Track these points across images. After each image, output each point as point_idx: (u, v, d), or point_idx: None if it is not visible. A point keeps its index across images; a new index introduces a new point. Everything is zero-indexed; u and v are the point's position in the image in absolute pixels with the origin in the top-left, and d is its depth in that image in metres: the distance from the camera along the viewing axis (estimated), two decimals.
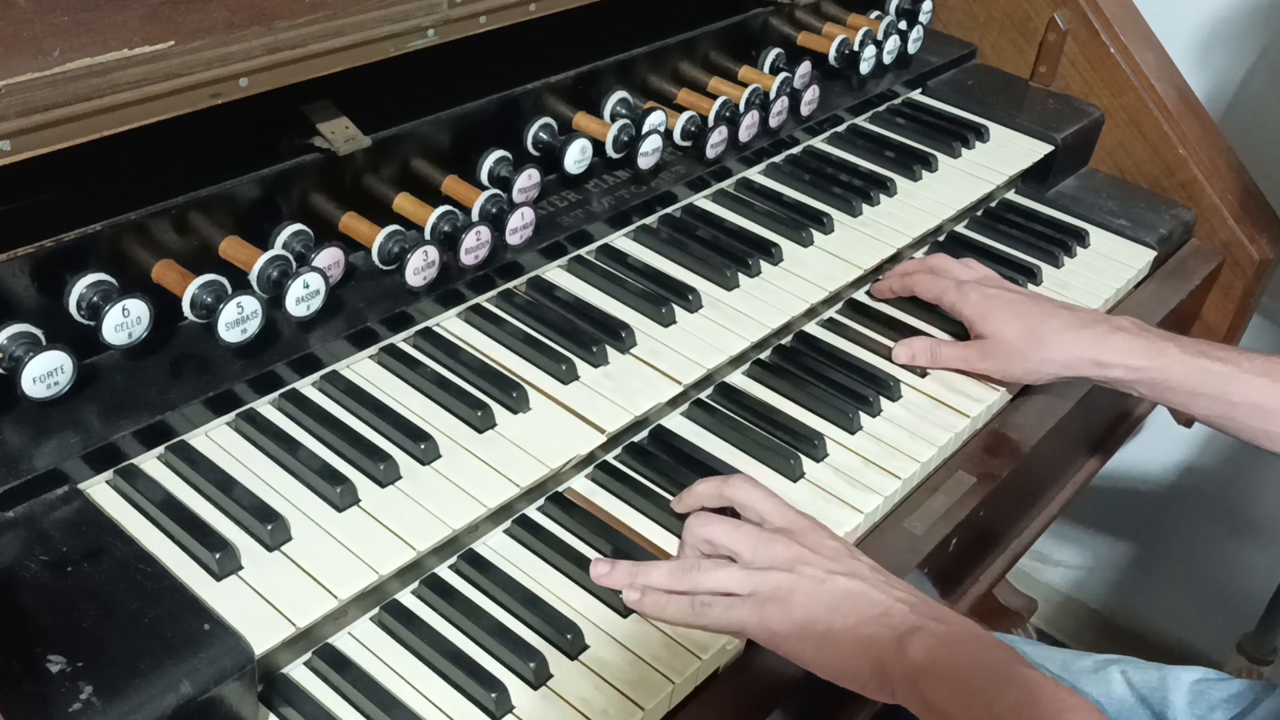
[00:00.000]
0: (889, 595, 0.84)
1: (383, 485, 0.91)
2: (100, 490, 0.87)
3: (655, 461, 1.03)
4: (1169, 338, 1.13)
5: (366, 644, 0.86)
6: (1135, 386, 1.12)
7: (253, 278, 0.96)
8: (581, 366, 1.05)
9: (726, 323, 1.14)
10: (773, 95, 1.37)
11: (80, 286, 0.88)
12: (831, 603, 0.84)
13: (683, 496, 0.97)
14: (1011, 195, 1.52)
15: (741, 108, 1.32)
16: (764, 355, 1.17)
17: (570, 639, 0.86)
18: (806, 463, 1.04)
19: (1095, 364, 1.12)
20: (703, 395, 1.11)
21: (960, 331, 1.22)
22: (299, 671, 0.83)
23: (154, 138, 0.87)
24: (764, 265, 1.23)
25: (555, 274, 1.18)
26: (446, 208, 1.07)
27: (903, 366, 1.17)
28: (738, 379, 1.14)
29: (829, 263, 1.25)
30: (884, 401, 1.13)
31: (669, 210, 1.29)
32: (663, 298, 1.14)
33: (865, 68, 1.50)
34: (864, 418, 1.10)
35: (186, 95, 0.86)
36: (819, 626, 0.83)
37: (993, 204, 1.49)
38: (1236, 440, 1.17)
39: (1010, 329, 1.14)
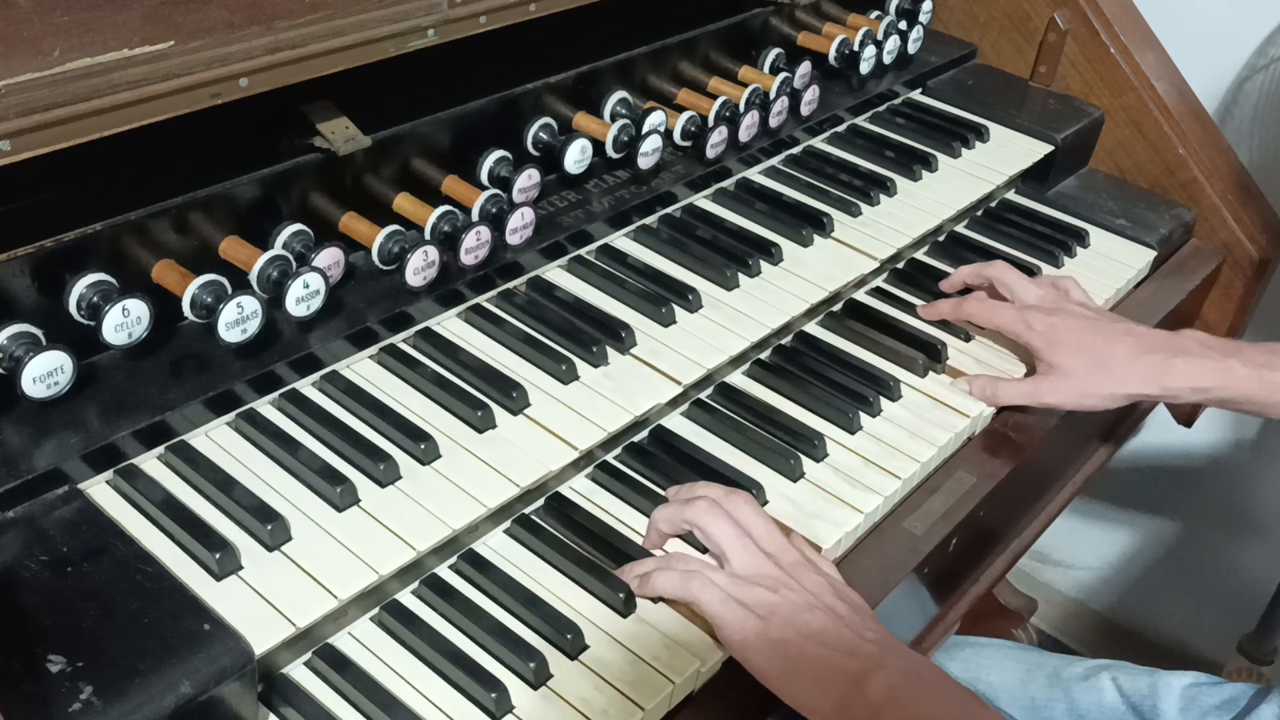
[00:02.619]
0: (860, 636, 0.85)
1: (383, 485, 0.91)
2: (100, 490, 0.87)
3: (655, 461, 1.03)
4: (1232, 351, 1.13)
5: (366, 644, 0.86)
6: (1203, 404, 1.13)
7: (253, 278, 0.96)
8: (581, 366, 1.05)
9: (726, 323, 1.14)
10: (773, 95, 1.37)
11: (80, 286, 0.88)
12: (805, 632, 0.85)
13: (681, 490, 0.97)
14: (1011, 195, 1.52)
15: (741, 108, 1.32)
16: (764, 355, 1.17)
17: (570, 639, 0.86)
18: (806, 463, 1.04)
19: (1161, 388, 1.13)
20: (703, 395, 1.11)
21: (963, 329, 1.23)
22: (299, 671, 0.83)
23: (154, 138, 0.87)
24: (764, 265, 1.23)
25: (555, 274, 1.18)
26: (446, 208, 1.07)
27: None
28: (738, 379, 1.14)
29: (829, 263, 1.25)
30: (884, 401, 1.13)
31: (669, 210, 1.29)
32: (663, 298, 1.14)
33: (865, 68, 1.50)
34: (864, 418, 1.10)
35: (186, 95, 0.86)
36: (789, 650, 0.84)
37: (993, 204, 1.49)
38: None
39: (1077, 361, 1.13)
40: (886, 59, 1.54)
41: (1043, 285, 1.22)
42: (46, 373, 0.84)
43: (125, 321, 0.88)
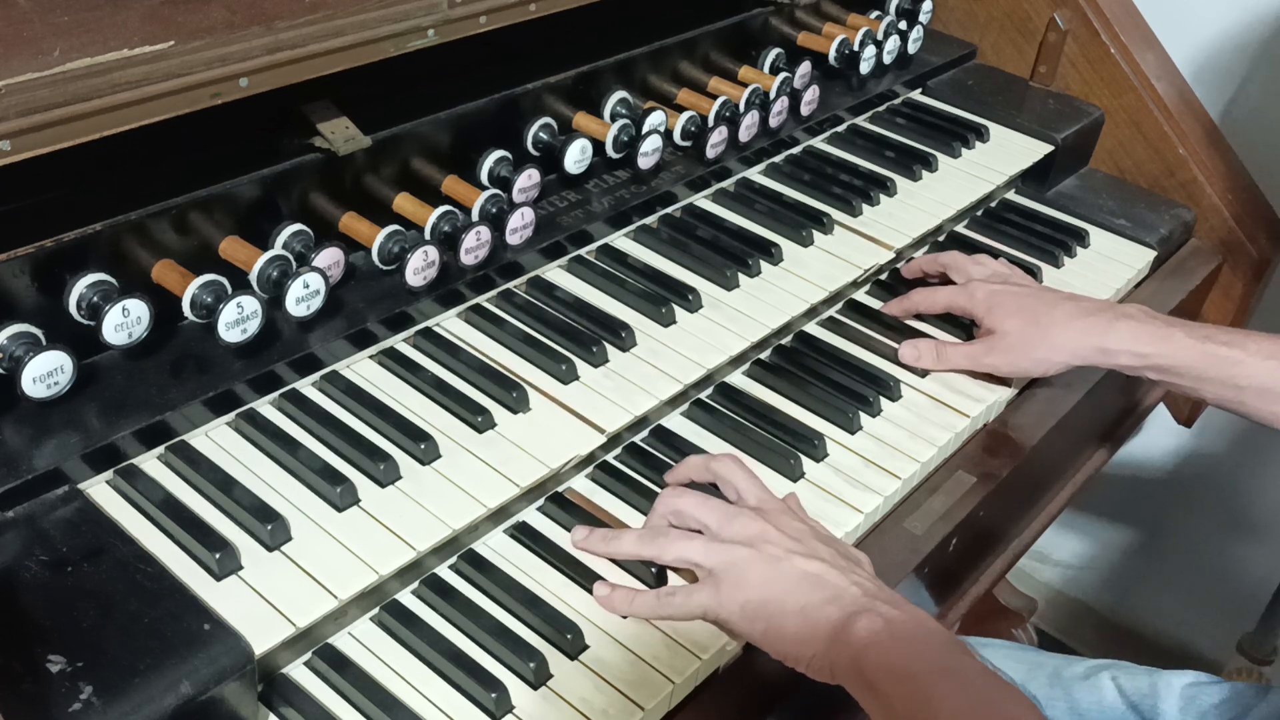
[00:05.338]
0: (845, 579, 0.86)
1: (383, 485, 0.91)
2: (100, 490, 0.87)
3: (655, 461, 1.03)
4: (1175, 323, 1.14)
5: (366, 644, 0.86)
6: (1143, 372, 1.14)
7: (253, 278, 0.96)
8: (581, 366, 1.05)
9: (726, 323, 1.14)
10: (773, 95, 1.37)
11: (80, 286, 0.88)
12: (786, 584, 0.86)
13: (674, 469, 0.99)
14: (1011, 195, 1.52)
15: (741, 108, 1.32)
16: (764, 355, 1.17)
17: (570, 639, 0.86)
18: (806, 463, 1.04)
19: (1101, 351, 1.13)
20: (703, 395, 1.11)
21: (963, 333, 1.22)
22: (299, 671, 0.83)
23: (154, 138, 0.87)
24: (764, 265, 1.23)
25: (555, 274, 1.18)
26: (446, 208, 1.07)
27: (905, 367, 1.17)
28: (738, 379, 1.14)
29: (829, 263, 1.25)
30: (884, 401, 1.13)
31: (669, 210, 1.29)
32: (663, 298, 1.14)
33: (865, 68, 1.50)
34: (864, 418, 1.10)
35: (186, 95, 0.87)
36: (771, 607, 0.85)
37: (993, 204, 1.49)
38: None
39: (1014, 322, 1.15)
40: (886, 59, 1.54)
41: (993, 266, 1.25)
42: (46, 373, 0.84)
43: (125, 321, 0.88)
